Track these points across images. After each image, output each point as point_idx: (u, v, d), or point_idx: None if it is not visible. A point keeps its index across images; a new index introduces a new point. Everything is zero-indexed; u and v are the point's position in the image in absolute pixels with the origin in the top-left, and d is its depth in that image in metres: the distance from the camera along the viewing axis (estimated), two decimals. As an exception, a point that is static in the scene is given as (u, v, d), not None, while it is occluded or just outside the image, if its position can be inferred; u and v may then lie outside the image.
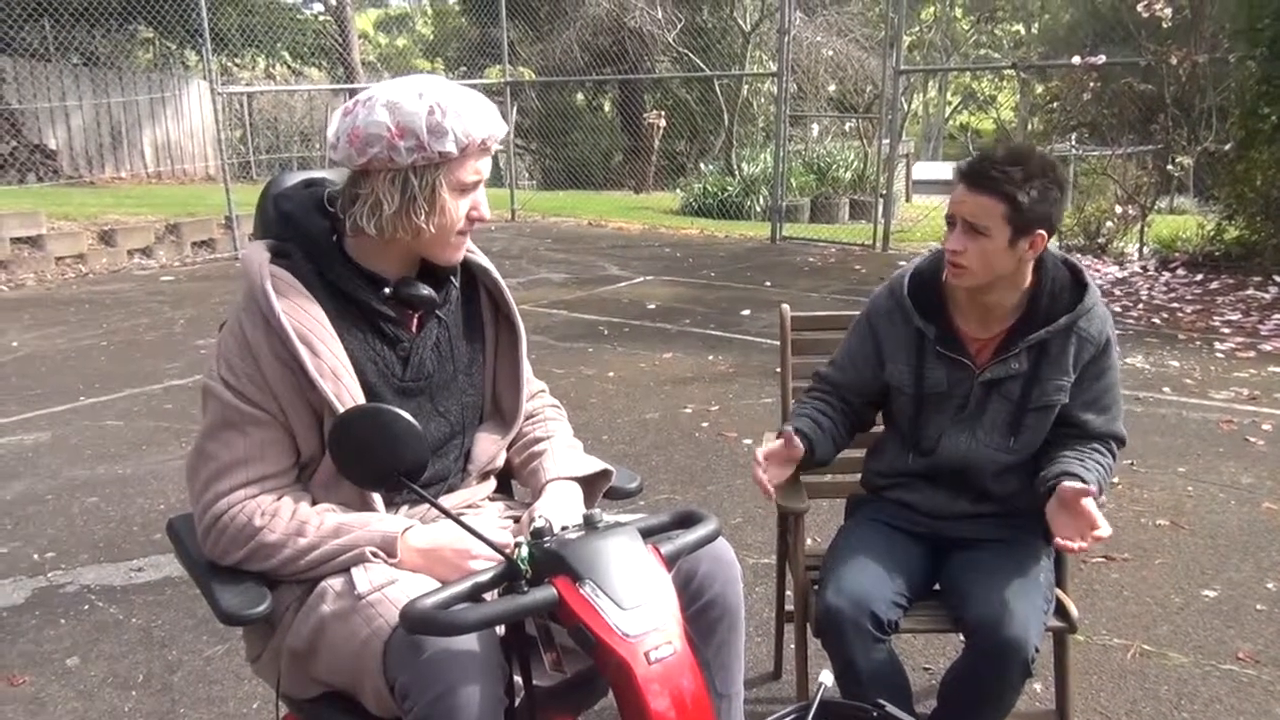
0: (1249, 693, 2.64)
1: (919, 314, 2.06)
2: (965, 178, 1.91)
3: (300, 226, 1.64)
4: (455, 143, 1.55)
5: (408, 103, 1.52)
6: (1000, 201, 1.87)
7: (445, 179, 1.58)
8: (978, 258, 1.91)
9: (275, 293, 1.56)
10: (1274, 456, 4.29)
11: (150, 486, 4.08)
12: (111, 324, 7.04)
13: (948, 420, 2.06)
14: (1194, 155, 8.69)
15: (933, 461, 2.08)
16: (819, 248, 10.27)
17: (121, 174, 13.91)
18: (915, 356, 2.07)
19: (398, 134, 1.52)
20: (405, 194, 1.57)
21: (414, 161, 1.55)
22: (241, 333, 1.58)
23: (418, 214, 1.58)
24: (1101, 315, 2.02)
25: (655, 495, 3.90)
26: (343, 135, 1.55)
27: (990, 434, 2.04)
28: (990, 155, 1.91)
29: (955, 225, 1.93)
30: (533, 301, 7.53)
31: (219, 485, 1.57)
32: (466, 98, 1.57)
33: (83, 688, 2.71)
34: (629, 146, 17.19)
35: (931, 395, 2.06)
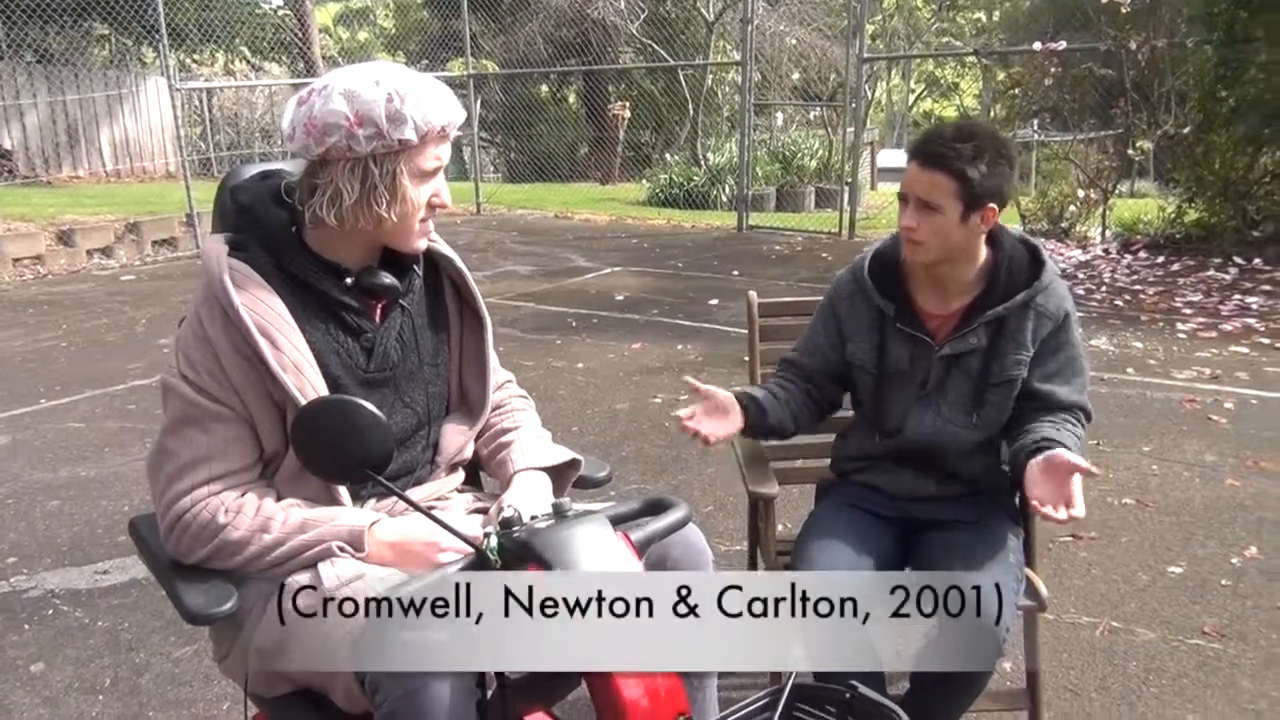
0: (1215, 666, 2.67)
1: (879, 293, 2.08)
2: (916, 156, 1.95)
3: (258, 218, 1.61)
4: (415, 130, 1.53)
5: (365, 90, 1.50)
6: (951, 178, 1.90)
7: (405, 167, 1.56)
8: (932, 233, 1.94)
9: (234, 286, 1.54)
10: (1236, 434, 4.35)
11: (114, 488, 4.02)
12: (71, 325, 6.93)
13: (911, 399, 2.07)
14: (1154, 139, 8.79)
15: (899, 442, 2.09)
16: (785, 236, 10.30)
17: (79, 173, 13.69)
18: (877, 335, 2.09)
19: (356, 122, 1.50)
20: (365, 183, 1.55)
21: (373, 150, 1.52)
22: (201, 328, 1.55)
23: (379, 203, 1.56)
24: (1059, 292, 2.04)
25: (625, 485, 3.89)
26: (299, 125, 1.53)
27: (954, 411, 2.05)
28: (939, 133, 1.94)
29: (908, 202, 1.97)
30: (500, 294, 7.50)
31: (181, 483, 1.54)
32: (424, 84, 1.55)
33: (48, 694, 2.66)
34: (594, 138, 17.14)
35: (894, 373, 2.08)
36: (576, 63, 15.90)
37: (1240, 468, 3.99)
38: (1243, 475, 3.91)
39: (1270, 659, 2.70)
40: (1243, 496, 3.72)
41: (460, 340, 1.83)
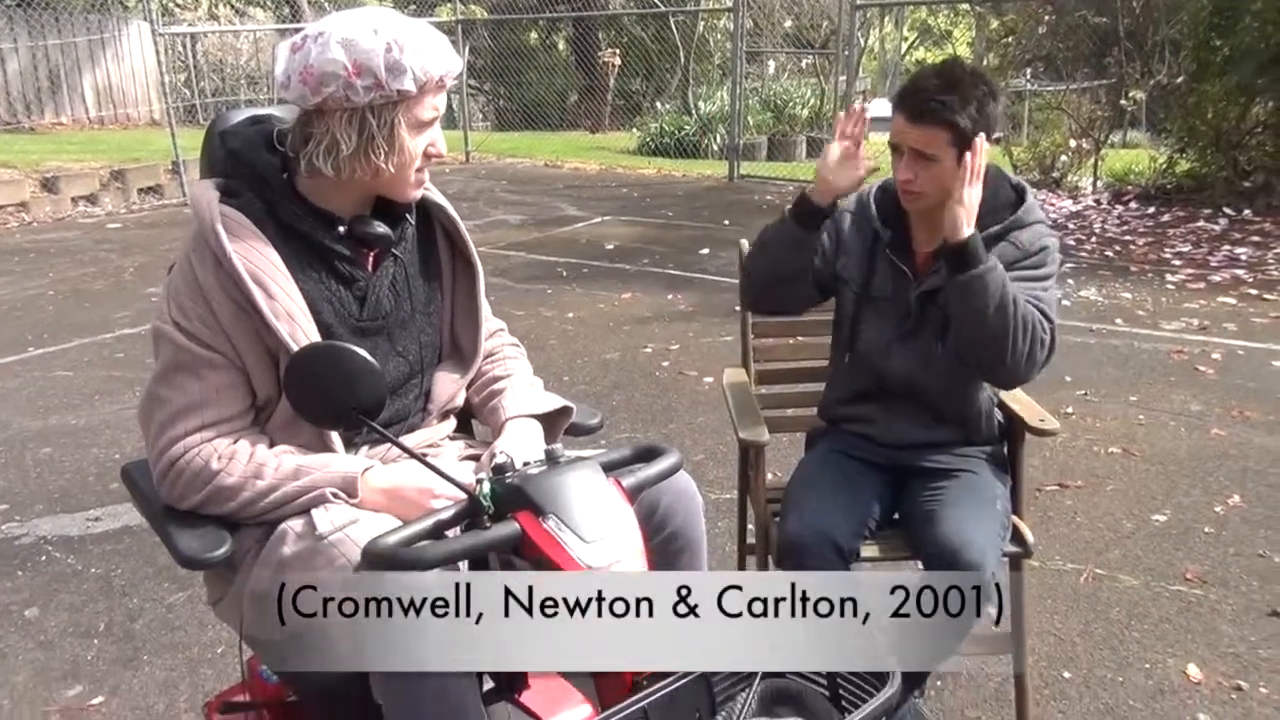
0: (1197, 612, 2.72)
1: (880, 218, 2.12)
2: (904, 109, 1.95)
3: (249, 164, 1.59)
4: (414, 80, 1.50)
5: (364, 39, 1.48)
6: (943, 129, 1.91)
7: (404, 117, 1.54)
8: (930, 182, 1.97)
9: (226, 232, 1.52)
10: (1223, 384, 4.38)
11: (104, 436, 4.02)
12: (58, 273, 6.88)
13: (892, 333, 2.10)
14: (1147, 89, 8.74)
15: (881, 377, 2.11)
16: (777, 186, 10.25)
17: (62, 119, 13.50)
18: (868, 254, 2.13)
19: (354, 72, 1.47)
20: (363, 134, 1.53)
21: (371, 100, 1.50)
22: (192, 274, 1.54)
23: (376, 154, 1.54)
24: (1038, 231, 2.05)
25: (616, 434, 3.91)
26: (294, 74, 1.50)
27: (929, 343, 2.08)
28: (925, 85, 1.93)
29: (902, 154, 1.97)
30: (490, 244, 7.46)
31: (174, 429, 1.54)
32: (422, 33, 1.52)
33: (43, 638, 2.69)
34: (584, 86, 16.93)
35: (876, 298, 2.11)
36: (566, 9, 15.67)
37: (1226, 417, 4.02)
38: (1228, 425, 3.94)
39: (1250, 604, 2.74)
40: (1227, 446, 3.76)
41: (452, 289, 1.82)
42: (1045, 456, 3.66)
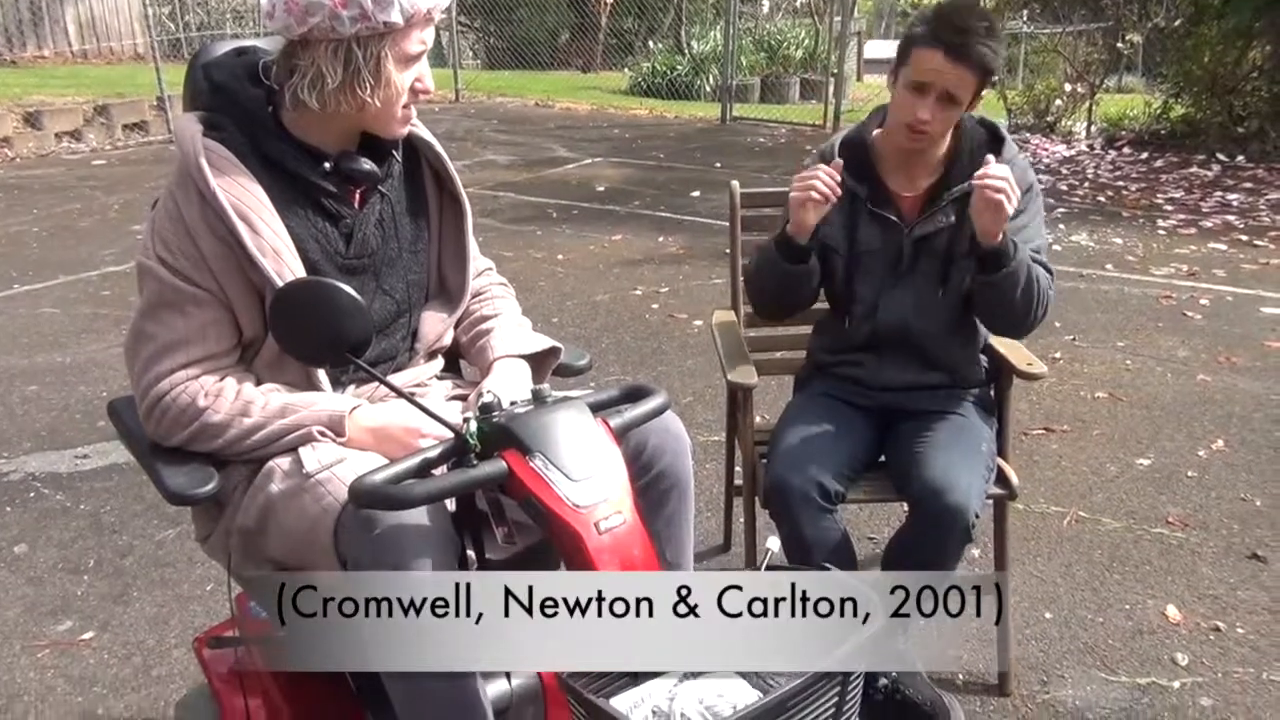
0: (1177, 554, 2.75)
1: (851, 176, 2.05)
2: (947, 47, 1.85)
3: (234, 97, 1.57)
4: (401, 12, 1.47)
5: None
6: (979, 74, 1.89)
7: (390, 50, 1.51)
8: (944, 123, 1.95)
9: (210, 167, 1.50)
10: (1210, 330, 4.40)
11: (91, 374, 4.01)
12: (42, 209, 6.81)
13: (881, 281, 2.09)
14: (1144, 32, 8.65)
15: (874, 325, 2.11)
16: (769, 128, 10.16)
17: (45, 52, 13.27)
18: (848, 216, 2.09)
19: (340, 3, 1.44)
20: (349, 67, 1.50)
21: (357, 32, 1.47)
22: (177, 210, 1.52)
23: (362, 88, 1.51)
24: (1021, 166, 2.04)
25: (605, 376, 3.91)
26: (279, 3, 1.47)
27: (925, 288, 2.08)
28: (970, 24, 1.86)
29: (927, 93, 1.90)
30: (479, 184, 7.40)
31: (160, 366, 1.53)
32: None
33: (33, 574, 2.70)
34: (576, 24, 16.69)
35: (863, 254, 2.09)
36: (558, -56, 15.41)
37: (1212, 363, 4.04)
38: (1214, 370, 3.96)
39: (1230, 547, 2.78)
40: (1213, 391, 3.78)
41: (439, 227, 1.81)
42: (1032, 401, 3.68)
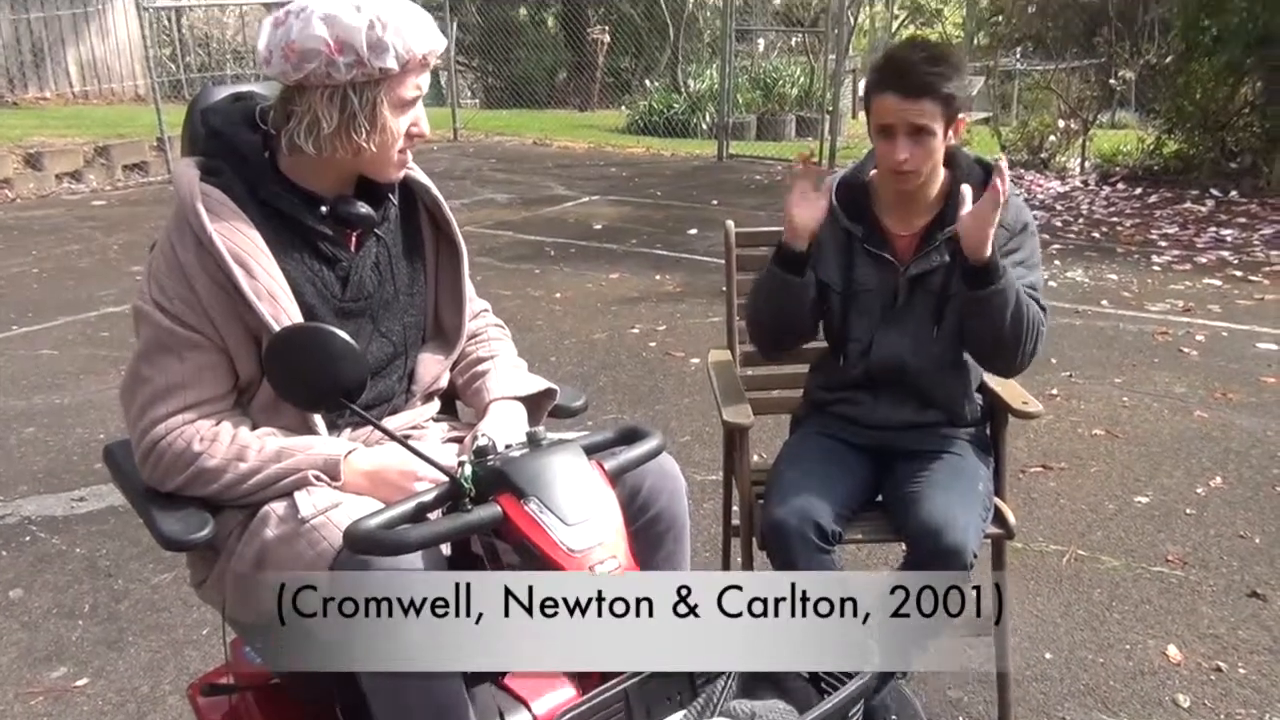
0: (1177, 593, 2.74)
1: (846, 216, 2.09)
2: (897, 88, 1.92)
3: (230, 143, 1.58)
4: (397, 59, 1.49)
5: (346, 16, 1.46)
6: (938, 102, 1.91)
7: (386, 96, 1.53)
8: (924, 158, 1.96)
9: (207, 212, 1.51)
10: (1206, 366, 4.40)
11: (89, 415, 4.01)
12: (42, 250, 6.83)
13: (878, 319, 2.10)
14: (1136, 68, 8.73)
15: (869, 364, 2.11)
16: (766, 165, 10.23)
17: (46, 94, 13.36)
18: (844, 255, 2.11)
19: (336, 49, 1.46)
20: (345, 112, 1.51)
21: (353, 78, 1.49)
22: (173, 254, 1.53)
23: (358, 133, 1.53)
24: (1016, 205, 2.08)
25: (603, 415, 3.91)
26: (276, 49, 1.49)
27: (919, 327, 2.09)
28: (913, 61, 1.93)
29: (894, 135, 1.94)
30: (477, 223, 7.44)
31: (155, 410, 1.53)
32: (405, 10, 1.51)
33: (27, 619, 2.68)
34: (573, 63, 16.82)
35: (860, 293, 2.11)
36: (555, -15, 15.56)
37: (1209, 399, 4.04)
38: (1211, 407, 3.97)
39: (1230, 585, 2.77)
40: (1210, 428, 3.78)
41: (436, 269, 1.82)
42: (1029, 438, 3.67)
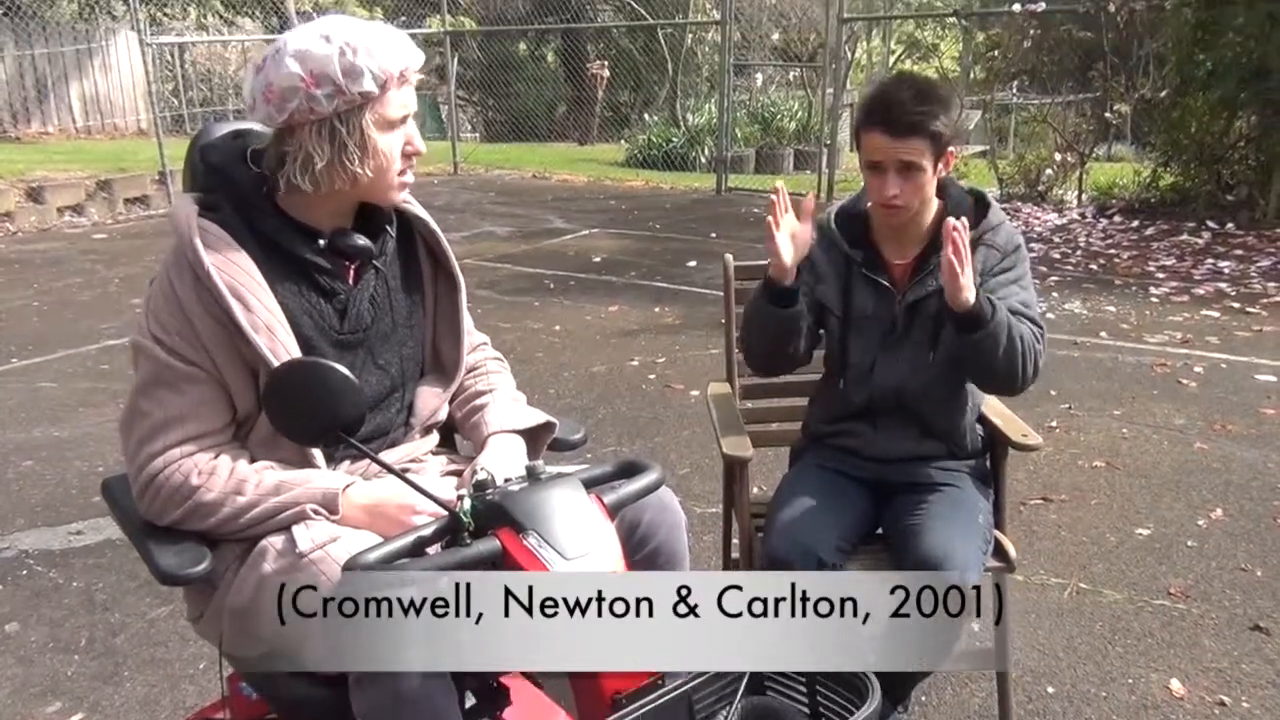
0: (1180, 626, 2.73)
1: (847, 241, 2.14)
2: (884, 126, 1.95)
3: (229, 179, 1.59)
4: (374, 80, 1.50)
5: (316, 48, 1.48)
6: (925, 139, 1.94)
7: (372, 119, 1.54)
8: (913, 194, 1.99)
9: (204, 246, 1.52)
10: (1205, 398, 4.40)
11: (88, 449, 4.00)
12: (43, 284, 6.85)
13: (877, 346, 2.11)
14: (1131, 102, 8.80)
15: (870, 391, 2.11)
16: (764, 198, 10.23)
17: (49, 129, 13.45)
18: (844, 280, 2.14)
19: (312, 82, 1.47)
20: (335, 143, 1.52)
21: (336, 108, 1.50)
22: (171, 289, 1.54)
23: (351, 161, 1.54)
24: (1008, 230, 2.11)
25: (602, 448, 3.90)
26: (258, 95, 1.50)
27: (917, 353, 2.10)
28: (901, 100, 1.95)
29: (884, 171, 1.98)
30: (477, 255, 7.46)
31: (153, 444, 1.53)
32: (375, 32, 1.52)
33: (23, 653, 2.67)
34: (573, 97, 16.95)
35: (858, 318, 2.13)
36: (555, 20, 15.71)
37: (1208, 431, 4.04)
38: (1211, 439, 3.96)
39: (1233, 619, 2.75)
40: (1210, 459, 3.78)
41: (434, 302, 1.82)
42: (1030, 470, 3.67)
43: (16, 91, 13.29)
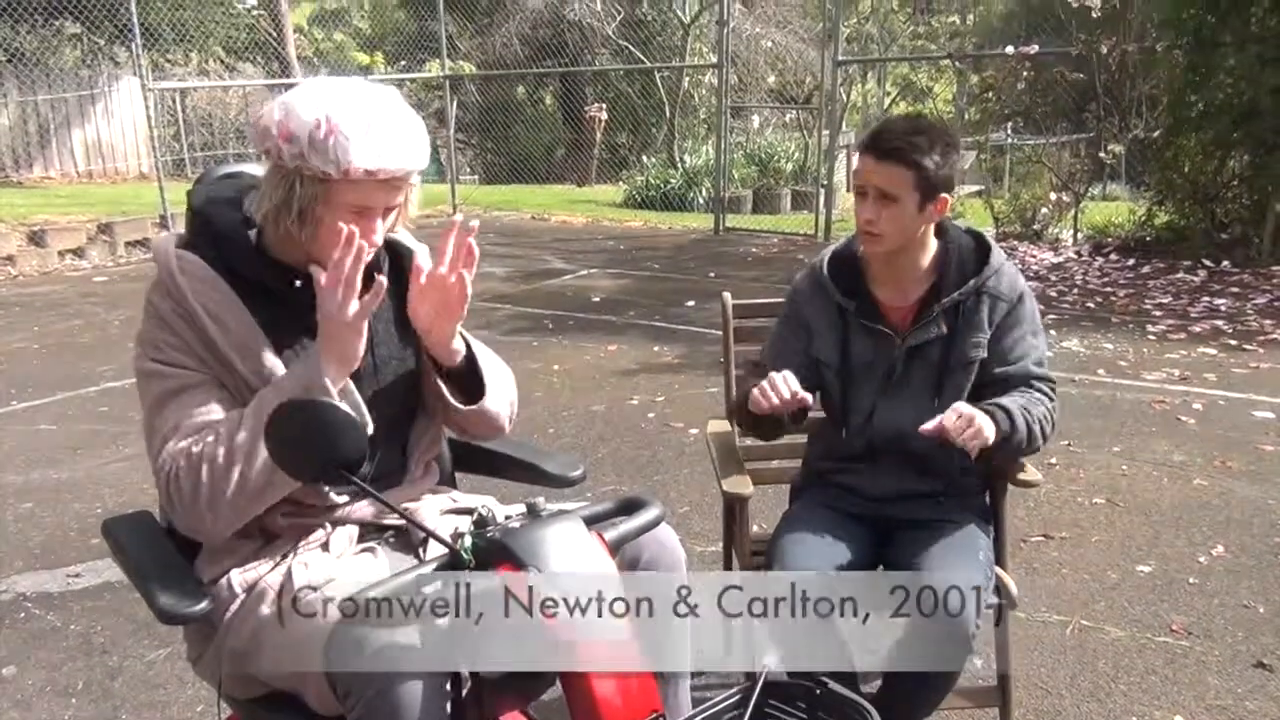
0: (1183, 663, 2.71)
1: (839, 291, 2.12)
2: (871, 150, 1.98)
3: (209, 219, 1.63)
4: (334, 166, 1.47)
5: (301, 109, 1.48)
6: (908, 169, 1.95)
7: (330, 198, 1.51)
8: (890, 224, 1.98)
9: (183, 274, 1.57)
10: (1204, 434, 4.41)
11: (86, 491, 3.99)
12: (43, 326, 6.87)
13: (876, 392, 2.10)
14: (1125, 142, 8.88)
15: (869, 436, 2.12)
16: (762, 238, 10.33)
17: (51, 173, 13.56)
18: (840, 331, 2.12)
19: (284, 136, 1.48)
20: (284, 194, 1.52)
21: (298, 167, 1.49)
22: (154, 310, 1.59)
23: (287, 218, 1.53)
24: (1010, 274, 2.10)
25: (602, 486, 3.90)
26: (253, 119, 1.55)
27: (918, 399, 2.09)
28: (892, 127, 1.99)
29: (866, 195, 1.99)
30: (476, 296, 7.37)
31: (167, 447, 1.54)
32: (369, 123, 1.48)
33: (20, 697, 2.65)
34: (571, 140, 17.10)
35: (857, 367, 2.12)
36: (553, 64, 15.89)
37: (1208, 467, 4.04)
38: (1210, 475, 3.96)
39: (1235, 655, 2.74)
40: (1210, 496, 3.77)
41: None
42: (1030, 507, 3.66)
43: (20, 137, 13.40)
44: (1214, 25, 7.88)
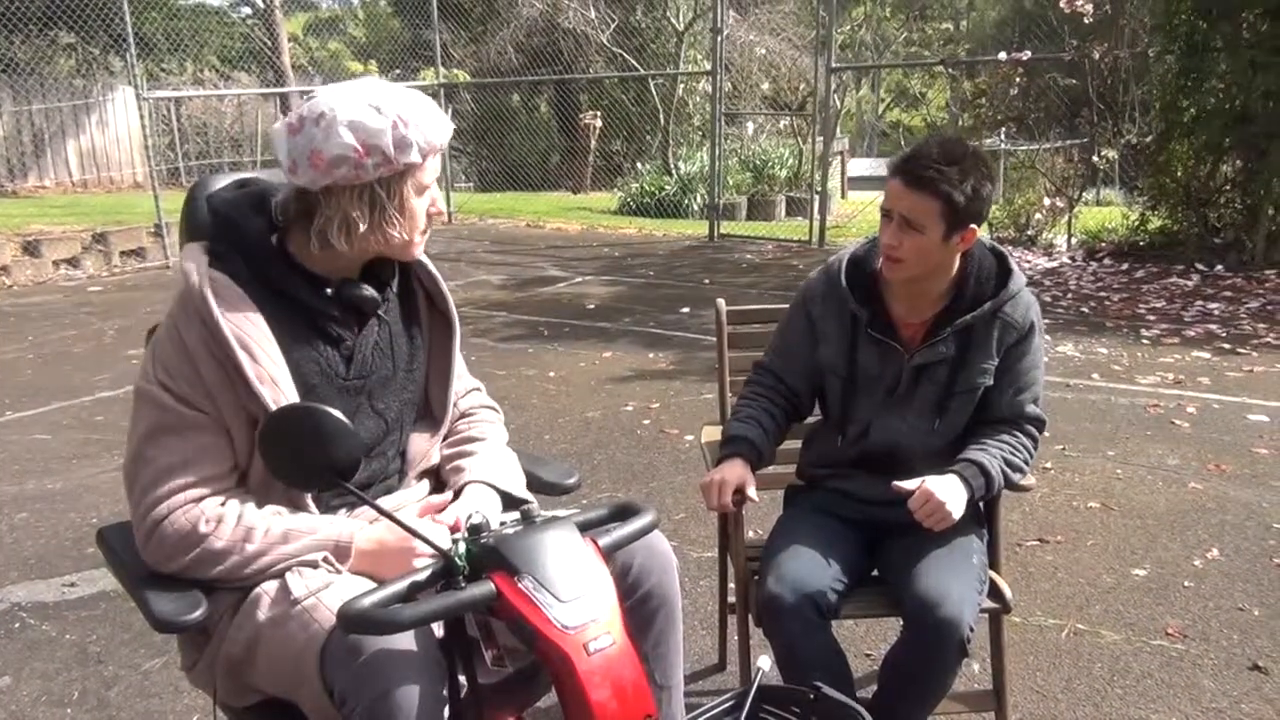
0: (1178, 666, 2.72)
1: (854, 298, 2.08)
2: (901, 175, 1.91)
3: (237, 228, 1.60)
4: (420, 152, 1.55)
5: (370, 120, 1.49)
6: (937, 200, 1.88)
7: (410, 185, 1.59)
8: (913, 252, 1.94)
9: (215, 297, 1.53)
10: (1198, 438, 4.42)
11: (82, 500, 3.99)
12: (38, 336, 6.86)
13: (878, 404, 2.10)
14: (1118, 148, 8.91)
15: (863, 447, 2.12)
16: (756, 245, 10.35)
17: (45, 183, 13.56)
18: (848, 339, 2.10)
19: (364, 153, 1.50)
20: (375, 207, 1.56)
21: (379, 175, 1.54)
22: (178, 335, 1.55)
23: (390, 224, 1.58)
24: (1026, 301, 2.07)
25: (598, 493, 3.90)
26: (301, 158, 1.51)
27: (918, 418, 2.08)
28: (926, 153, 1.91)
29: (891, 219, 1.95)
30: (473, 304, 7.49)
31: (159, 490, 1.53)
32: (420, 105, 1.56)
33: (15, 708, 2.64)
34: (566, 147, 17.14)
35: (862, 377, 2.10)
36: (548, 72, 15.92)
37: (1202, 471, 4.05)
38: (1205, 478, 3.97)
39: (1231, 659, 2.75)
40: (1205, 499, 3.78)
41: (430, 346, 1.84)
42: (1025, 511, 3.67)
43: (14, 146, 13.41)
44: (1205, 31, 7.92)
